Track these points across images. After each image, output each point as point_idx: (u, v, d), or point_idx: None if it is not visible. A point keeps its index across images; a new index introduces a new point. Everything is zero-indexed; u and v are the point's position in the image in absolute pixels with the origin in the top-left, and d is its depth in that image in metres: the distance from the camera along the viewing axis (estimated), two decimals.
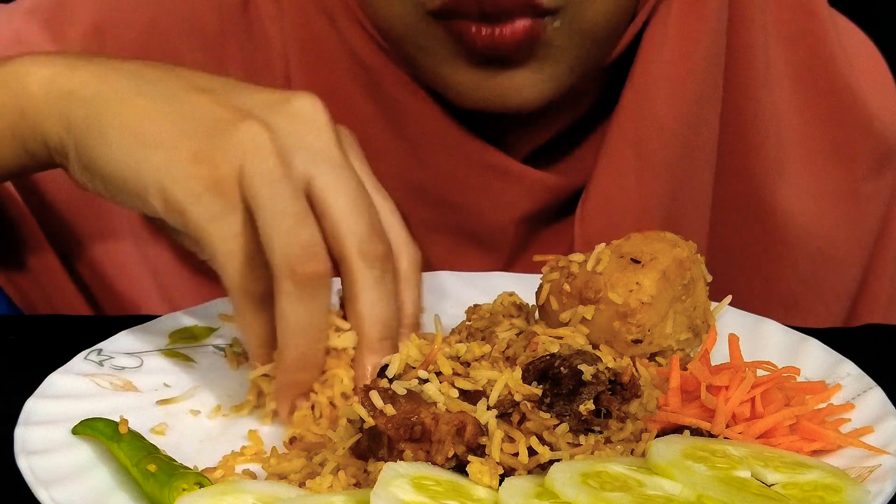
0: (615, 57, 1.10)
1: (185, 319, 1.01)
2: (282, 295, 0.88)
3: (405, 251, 0.95)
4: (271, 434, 0.91)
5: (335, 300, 0.92)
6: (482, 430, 0.83)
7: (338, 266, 0.91)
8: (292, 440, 0.89)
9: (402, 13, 1.04)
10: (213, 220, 0.88)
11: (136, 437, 0.85)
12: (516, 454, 0.82)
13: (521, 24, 1.01)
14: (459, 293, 1.06)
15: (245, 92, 0.93)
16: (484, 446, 0.82)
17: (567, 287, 0.92)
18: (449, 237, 1.14)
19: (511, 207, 1.13)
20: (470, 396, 0.84)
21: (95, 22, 1.14)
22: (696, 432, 0.85)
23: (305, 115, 0.91)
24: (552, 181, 1.13)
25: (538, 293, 0.94)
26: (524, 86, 1.04)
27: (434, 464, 0.82)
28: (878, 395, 0.90)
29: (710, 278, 0.96)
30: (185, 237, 0.92)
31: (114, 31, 1.14)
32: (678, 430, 0.85)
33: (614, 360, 0.89)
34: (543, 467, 0.82)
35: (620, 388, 0.86)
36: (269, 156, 0.88)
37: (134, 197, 0.91)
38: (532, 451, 0.82)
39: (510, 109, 1.06)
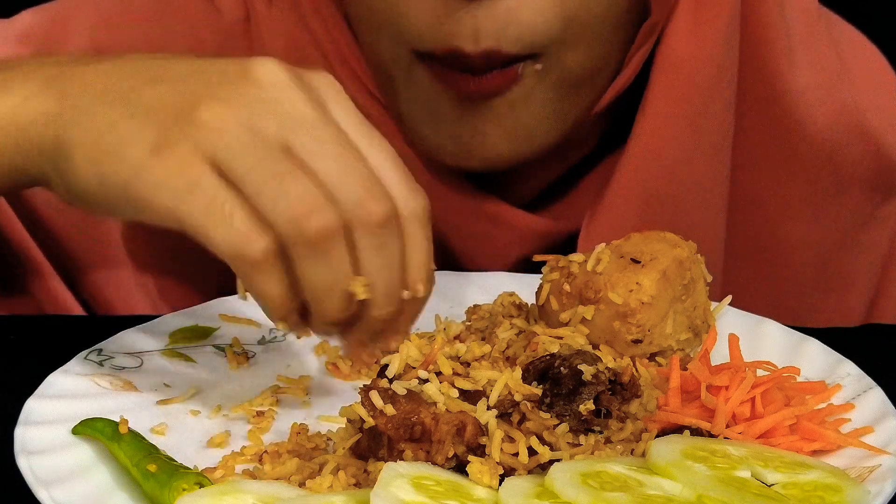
0: (605, 104, 1.08)
1: (185, 319, 1.01)
2: (298, 260, 0.84)
3: (406, 203, 0.87)
4: (270, 437, 0.91)
5: None
6: (482, 430, 0.83)
7: None
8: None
9: (391, 53, 1.04)
10: (206, 214, 0.84)
11: (136, 437, 0.85)
12: (516, 454, 0.82)
13: (503, 72, 1.01)
14: (459, 293, 1.06)
15: (201, 71, 0.88)
16: (484, 446, 0.82)
17: (567, 287, 0.92)
18: None
19: (505, 253, 1.12)
20: (470, 396, 0.84)
21: (91, 45, 1.14)
22: (696, 432, 0.85)
23: (265, 80, 0.86)
24: (546, 226, 1.12)
25: (538, 293, 0.94)
26: (499, 141, 1.04)
27: (434, 464, 0.82)
28: (878, 395, 0.90)
29: (710, 278, 0.96)
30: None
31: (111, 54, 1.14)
32: (678, 430, 0.85)
33: (614, 360, 0.89)
34: (543, 467, 0.82)
35: (620, 388, 0.86)
36: (234, 129, 0.84)
37: (118, 211, 0.88)
38: (532, 451, 0.82)
39: (485, 166, 1.06)
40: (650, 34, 1.07)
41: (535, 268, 0.99)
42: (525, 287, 1.00)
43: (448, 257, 1.14)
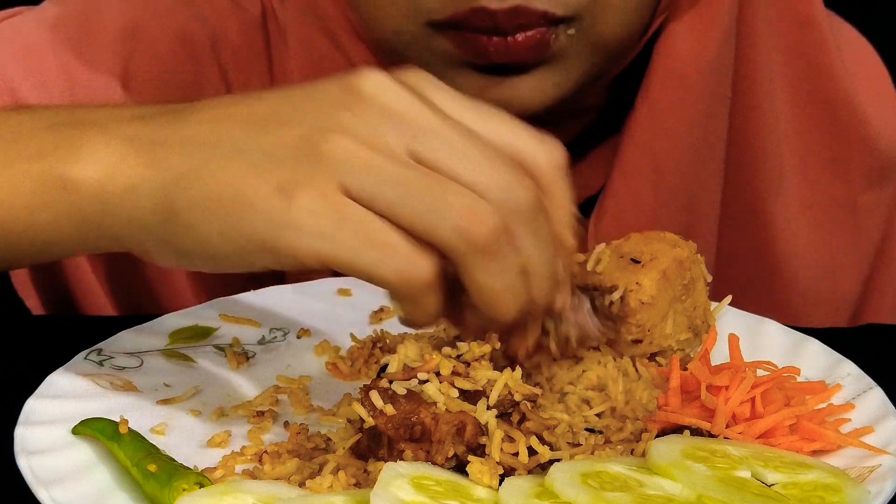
0: (620, 70, 1.09)
1: (185, 319, 1.01)
2: (472, 270, 0.80)
3: (544, 158, 0.83)
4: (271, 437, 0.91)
5: None
6: (482, 430, 0.83)
7: None
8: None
9: (400, 27, 1.03)
10: (363, 249, 0.79)
11: (136, 437, 0.85)
12: (516, 454, 0.82)
13: (533, 32, 1.00)
14: None
15: (307, 104, 0.83)
16: (484, 446, 0.82)
17: None
18: None
19: None
20: (470, 396, 0.84)
21: (121, 34, 1.14)
22: (696, 432, 0.85)
23: (375, 94, 0.82)
24: None
25: None
26: (528, 93, 1.03)
27: (434, 464, 0.82)
28: (878, 395, 0.90)
29: (710, 278, 0.96)
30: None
31: (142, 45, 1.14)
32: (678, 430, 0.85)
33: (614, 359, 0.89)
34: (543, 467, 0.82)
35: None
36: (366, 155, 0.80)
37: (247, 263, 0.83)
38: (532, 451, 0.82)
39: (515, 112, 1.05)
40: (671, 4, 1.08)
41: None
42: None
43: None
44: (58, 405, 0.89)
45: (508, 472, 0.82)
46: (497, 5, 0.98)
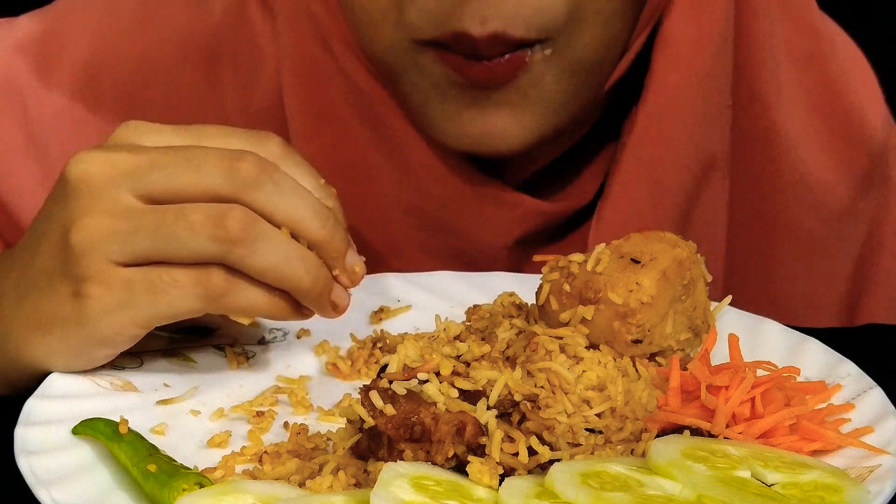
0: (609, 87, 1.09)
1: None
2: (251, 260, 0.88)
3: (257, 148, 0.90)
4: (271, 437, 0.91)
5: None
6: (482, 430, 0.83)
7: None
8: None
9: (390, 43, 1.04)
10: (158, 301, 0.88)
11: (136, 437, 0.85)
12: (516, 454, 0.82)
13: (510, 57, 1.01)
14: (459, 293, 1.06)
15: (40, 222, 0.92)
16: (484, 446, 0.82)
17: (567, 287, 0.92)
18: (444, 260, 1.14)
19: (504, 233, 1.13)
20: (470, 396, 0.84)
21: (88, 58, 1.15)
22: (696, 432, 0.85)
23: (76, 175, 0.89)
24: (546, 207, 1.13)
25: (538, 293, 0.94)
26: (510, 129, 1.04)
27: (434, 464, 0.82)
28: (878, 395, 0.90)
29: (710, 278, 0.96)
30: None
31: (106, 67, 1.16)
32: (678, 430, 0.85)
33: (614, 359, 0.89)
34: (543, 467, 0.82)
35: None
36: (105, 225, 0.87)
37: (105, 357, 0.92)
38: (532, 451, 0.82)
39: (495, 153, 1.06)
40: (651, 18, 1.08)
41: (535, 268, 0.99)
42: (525, 287, 1.00)
43: (451, 236, 1.14)
44: (58, 405, 0.89)
45: (508, 472, 0.82)
46: (478, 32, 0.99)
